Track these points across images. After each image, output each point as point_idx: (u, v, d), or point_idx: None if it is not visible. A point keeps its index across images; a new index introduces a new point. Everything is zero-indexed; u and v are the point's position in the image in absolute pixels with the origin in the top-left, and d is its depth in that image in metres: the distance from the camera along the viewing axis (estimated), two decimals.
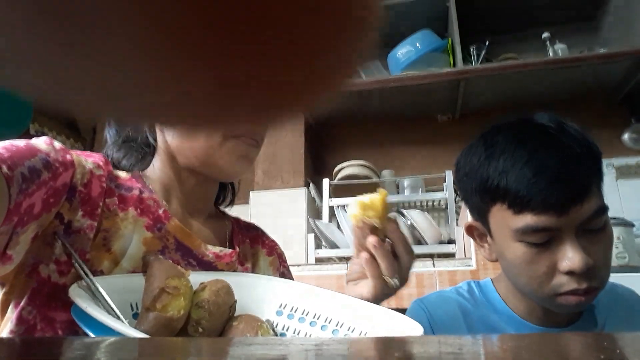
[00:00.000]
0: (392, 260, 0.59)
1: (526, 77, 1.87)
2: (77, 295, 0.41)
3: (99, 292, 0.45)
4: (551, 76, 1.87)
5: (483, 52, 1.96)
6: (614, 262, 1.45)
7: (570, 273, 0.63)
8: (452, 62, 1.91)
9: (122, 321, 0.41)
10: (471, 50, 1.96)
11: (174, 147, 0.66)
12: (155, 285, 0.46)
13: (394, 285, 0.59)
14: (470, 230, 0.77)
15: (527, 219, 0.63)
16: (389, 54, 2.03)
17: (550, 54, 1.92)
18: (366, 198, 0.59)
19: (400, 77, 1.92)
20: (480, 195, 0.70)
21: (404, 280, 0.61)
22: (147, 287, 0.47)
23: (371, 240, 0.58)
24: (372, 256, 0.59)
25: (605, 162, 1.90)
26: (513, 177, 0.64)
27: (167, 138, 0.66)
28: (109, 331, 0.37)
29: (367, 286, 0.60)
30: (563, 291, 0.64)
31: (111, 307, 0.44)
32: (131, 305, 0.49)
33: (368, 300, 0.61)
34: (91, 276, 0.46)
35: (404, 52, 1.98)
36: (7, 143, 0.49)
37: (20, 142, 0.51)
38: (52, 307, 0.51)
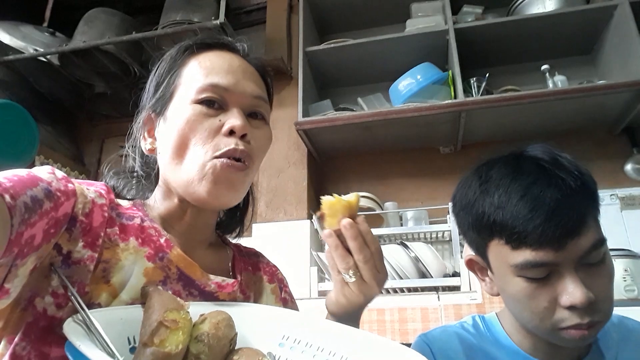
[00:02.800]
0: (342, 253, 0.59)
1: (526, 108, 1.88)
2: (71, 331, 0.40)
3: (94, 326, 0.44)
4: (551, 107, 1.88)
5: (483, 84, 1.98)
6: (623, 295, 1.42)
7: (571, 308, 0.61)
8: (453, 94, 1.94)
9: (118, 358, 0.40)
10: (472, 82, 1.99)
11: (164, 176, 0.65)
12: (153, 318, 0.45)
13: (348, 280, 0.59)
14: (470, 264, 0.76)
15: (525, 255, 0.62)
16: (391, 86, 2.06)
17: (550, 85, 1.94)
18: (331, 198, 0.61)
19: (402, 109, 1.94)
20: (477, 230, 0.69)
21: (369, 281, 0.59)
22: (145, 320, 0.46)
23: (324, 232, 0.60)
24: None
25: (609, 193, 1.90)
26: (509, 213, 0.63)
27: (161, 168, 0.66)
28: None
29: (332, 286, 0.62)
30: (565, 326, 0.62)
31: (106, 343, 0.42)
32: (128, 338, 0.48)
33: (333, 302, 0.62)
34: (86, 310, 0.45)
35: (405, 84, 2.01)
36: (8, 173, 0.49)
37: (22, 172, 0.50)
38: (47, 342, 0.49)
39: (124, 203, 0.64)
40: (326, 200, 0.60)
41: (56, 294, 0.51)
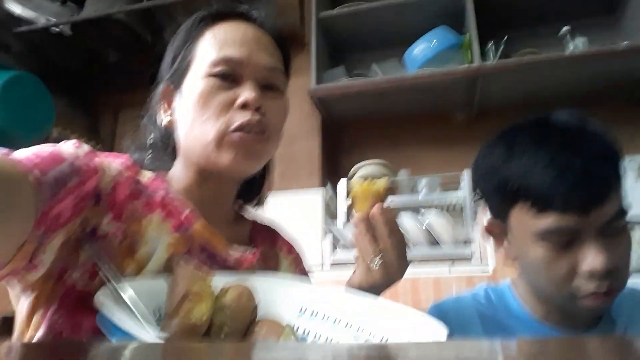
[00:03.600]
0: (371, 239, 0.61)
1: (545, 73, 1.83)
2: (103, 303, 0.42)
3: (124, 298, 0.46)
4: (571, 71, 1.83)
5: (501, 48, 1.93)
6: (634, 266, 1.42)
7: (591, 275, 0.62)
8: (469, 58, 1.89)
9: (147, 328, 0.42)
10: (489, 46, 1.94)
11: (184, 148, 0.66)
12: (178, 291, 0.47)
13: (373, 266, 0.61)
14: (488, 230, 0.77)
15: (549, 220, 0.63)
16: (406, 51, 2.02)
17: (570, 48, 1.88)
18: (359, 182, 0.63)
19: (417, 75, 1.90)
20: (500, 196, 0.69)
21: (391, 267, 0.61)
22: (170, 293, 0.48)
23: (354, 218, 0.62)
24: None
25: (626, 160, 1.86)
26: (536, 178, 0.64)
27: (180, 140, 0.67)
28: (134, 339, 0.38)
29: (356, 269, 0.64)
30: (583, 294, 0.63)
31: (136, 314, 0.45)
32: (154, 310, 0.50)
33: (356, 286, 0.63)
34: (115, 282, 0.47)
35: (420, 49, 1.96)
36: (35, 149, 0.50)
37: (48, 148, 0.52)
38: (80, 313, 0.52)
39: (146, 176, 0.65)
40: (357, 184, 0.62)
41: (86, 267, 0.53)
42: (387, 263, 0.61)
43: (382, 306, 0.56)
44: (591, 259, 0.62)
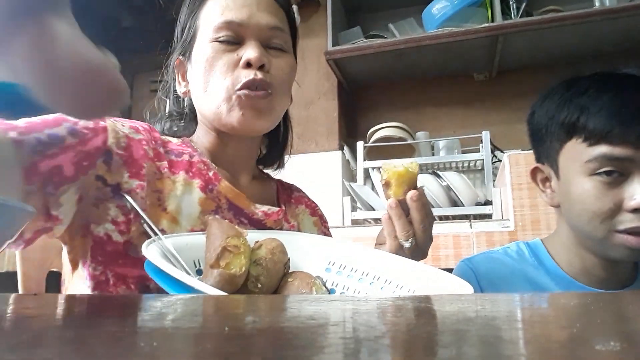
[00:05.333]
0: (404, 222, 0.61)
1: (570, 30, 1.78)
2: (151, 254, 0.44)
3: (169, 250, 0.48)
4: (597, 29, 1.77)
5: (523, 5, 1.87)
6: None
7: (636, 211, 0.64)
8: (490, 16, 1.84)
9: (192, 276, 0.45)
10: (510, 3, 1.88)
11: (200, 113, 0.69)
12: (217, 244, 0.49)
13: (407, 246, 0.62)
14: (534, 173, 0.79)
15: (603, 149, 0.66)
16: (424, 10, 1.96)
17: (597, 4, 1.81)
18: (393, 166, 0.63)
19: (436, 34, 1.86)
20: (555, 133, 0.72)
21: (422, 247, 0.63)
22: (209, 246, 0.50)
23: (388, 201, 0.62)
24: (390, 216, 0.62)
25: None
26: (594, 111, 0.67)
27: (196, 106, 0.69)
28: (182, 285, 0.40)
29: (386, 247, 0.65)
30: (624, 228, 0.65)
31: (181, 264, 0.47)
32: (194, 262, 0.53)
33: None
34: (160, 235, 0.50)
35: (439, 7, 1.91)
36: (37, 117, 0.53)
37: (50, 116, 0.54)
38: (121, 265, 0.55)
39: (173, 140, 0.69)
40: (391, 168, 0.62)
41: (117, 222, 0.56)
42: (418, 243, 0.63)
43: (408, 263, 0.58)
44: (639, 194, 0.64)
